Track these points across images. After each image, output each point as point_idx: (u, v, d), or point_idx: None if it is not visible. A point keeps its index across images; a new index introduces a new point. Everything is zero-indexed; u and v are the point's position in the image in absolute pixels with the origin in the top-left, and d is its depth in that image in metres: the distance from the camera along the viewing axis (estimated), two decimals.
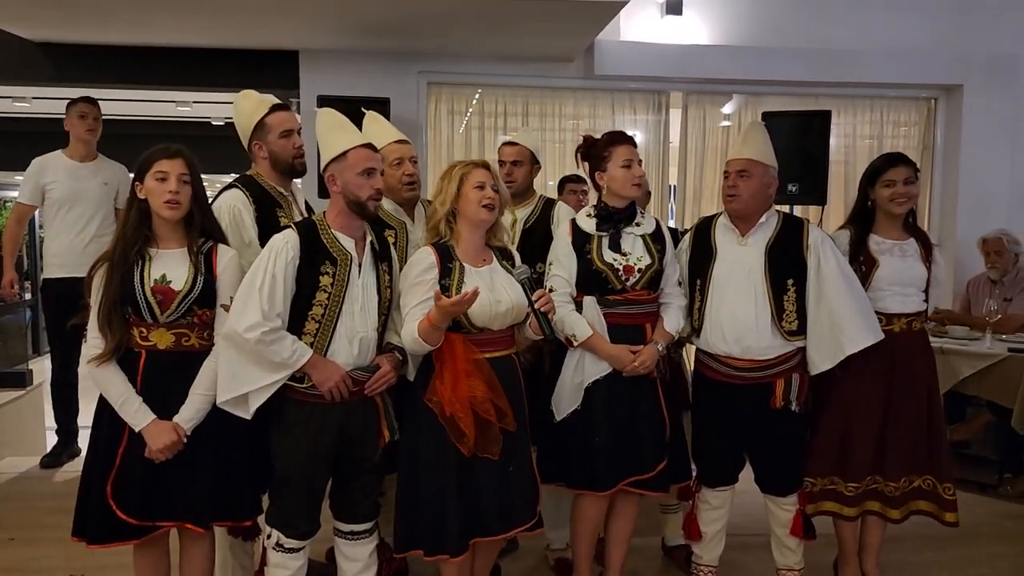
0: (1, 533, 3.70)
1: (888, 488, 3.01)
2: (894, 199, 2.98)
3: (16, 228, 4.56)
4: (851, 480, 2.99)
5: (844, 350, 2.83)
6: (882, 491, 3.02)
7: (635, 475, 2.83)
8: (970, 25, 5.39)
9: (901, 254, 3.00)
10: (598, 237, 2.85)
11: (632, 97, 5.44)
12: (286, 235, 2.45)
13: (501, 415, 2.50)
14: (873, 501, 3.03)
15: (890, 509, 3.02)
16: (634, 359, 2.75)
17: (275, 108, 2.86)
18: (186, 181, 2.41)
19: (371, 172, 2.48)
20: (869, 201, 3.05)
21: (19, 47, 4.84)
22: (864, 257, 2.99)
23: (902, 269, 2.98)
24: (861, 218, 3.07)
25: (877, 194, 3.02)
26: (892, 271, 2.97)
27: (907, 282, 2.99)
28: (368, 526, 2.61)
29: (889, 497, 3.01)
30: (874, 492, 3.02)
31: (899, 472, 2.99)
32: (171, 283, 2.39)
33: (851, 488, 3.00)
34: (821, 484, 3.01)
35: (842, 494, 3.00)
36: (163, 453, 2.37)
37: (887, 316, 2.97)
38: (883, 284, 2.97)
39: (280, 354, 2.37)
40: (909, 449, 2.99)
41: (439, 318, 2.41)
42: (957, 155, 5.48)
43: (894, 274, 2.97)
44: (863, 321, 2.84)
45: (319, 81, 4.89)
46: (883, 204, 3.01)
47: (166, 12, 4.12)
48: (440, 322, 2.43)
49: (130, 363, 2.40)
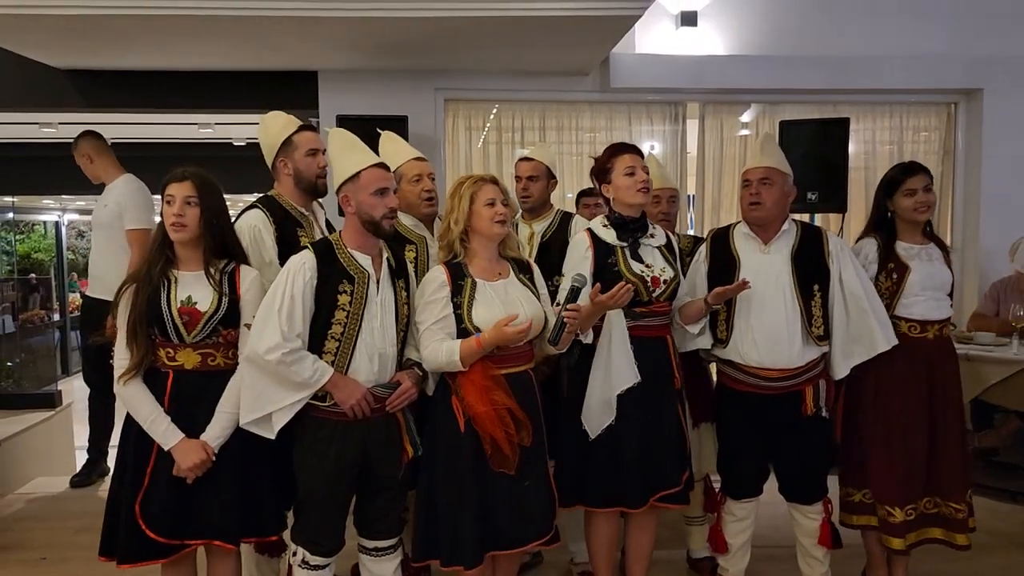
0: (31, 552, 3.75)
1: (948, 510, 2.97)
2: (917, 208, 2.97)
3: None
4: (907, 503, 2.95)
5: (861, 356, 2.87)
6: (945, 514, 2.98)
7: (662, 489, 2.83)
8: (989, 29, 5.35)
9: (928, 258, 3.00)
10: (621, 248, 2.85)
11: (649, 108, 5.44)
12: (303, 256, 2.48)
13: (519, 429, 2.51)
14: (934, 528, 3.00)
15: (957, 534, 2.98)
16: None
17: (302, 128, 2.92)
18: (193, 203, 2.45)
19: (384, 191, 2.50)
20: (888, 211, 3.04)
21: (45, 74, 4.93)
22: (895, 263, 2.98)
23: (932, 273, 2.97)
24: (882, 227, 3.06)
25: (897, 204, 3.01)
26: (924, 275, 2.96)
27: (938, 286, 2.98)
28: (392, 542, 2.63)
29: (956, 521, 2.97)
30: (933, 517, 2.99)
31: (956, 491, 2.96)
32: (196, 304, 2.43)
33: (910, 511, 2.95)
34: (860, 496, 2.99)
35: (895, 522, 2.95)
36: (192, 471, 2.40)
37: (921, 324, 2.96)
38: (916, 289, 2.95)
39: (301, 374, 2.39)
40: (957, 464, 2.96)
41: (494, 342, 2.46)
42: (979, 159, 5.42)
43: (927, 278, 2.96)
44: (880, 328, 2.87)
45: (338, 100, 4.93)
46: (905, 213, 3.00)
47: (187, 37, 4.19)
48: (492, 346, 2.47)
49: (158, 383, 2.44)
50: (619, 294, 2.59)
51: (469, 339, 2.49)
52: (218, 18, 3.82)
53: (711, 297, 2.83)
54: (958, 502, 2.97)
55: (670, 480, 2.84)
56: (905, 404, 2.95)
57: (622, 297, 2.60)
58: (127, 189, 4.39)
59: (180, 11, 3.73)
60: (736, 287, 2.77)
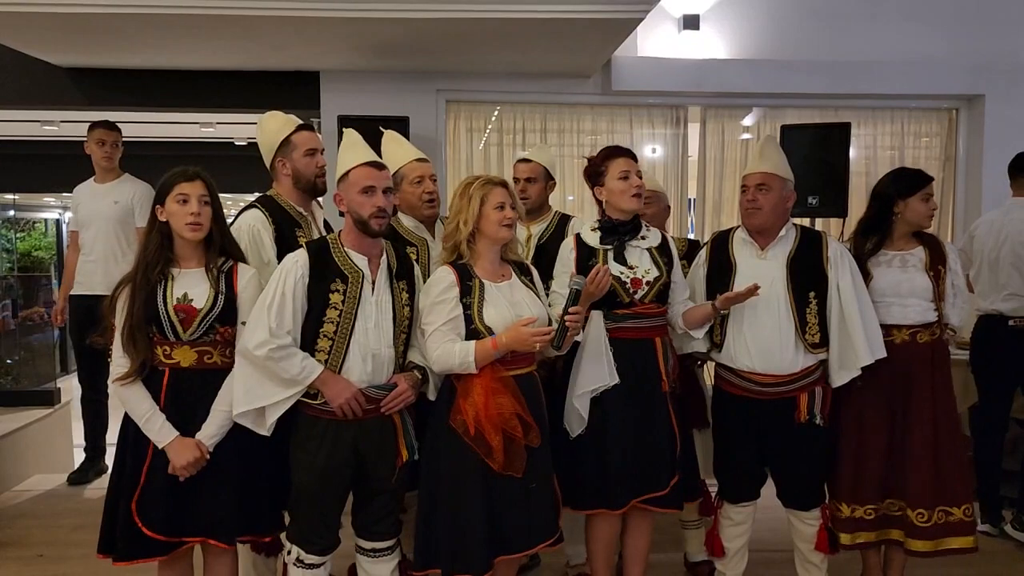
0: (29, 550, 3.75)
1: (915, 515, 2.92)
2: (931, 214, 2.98)
3: (70, 254, 4.71)
4: (858, 502, 2.95)
5: (857, 365, 2.83)
6: (905, 518, 2.95)
7: (648, 492, 2.82)
8: (990, 34, 5.35)
9: (901, 264, 2.98)
10: (603, 251, 2.85)
11: (650, 112, 5.44)
12: (296, 254, 2.49)
13: (527, 431, 2.50)
14: (895, 529, 2.98)
15: (913, 540, 2.94)
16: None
17: (300, 128, 2.92)
18: (206, 202, 2.46)
19: (371, 190, 2.48)
20: (895, 214, 3.00)
21: (47, 72, 4.94)
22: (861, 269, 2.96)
23: (899, 281, 2.95)
24: (878, 230, 3.03)
25: (912, 207, 2.97)
26: (888, 282, 2.94)
27: (906, 293, 2.95)
28: (390, 543, 2.62)
29: (915, 526, 2.92)
30: (895, 519, 2.97)
31: (921, 497, 2.91)
32: (192, 301, 2.44)
33: (870, 511, 2.95)
34: (847, 511, 2.97)
35: (862, 519, 2.95)
36: (186, 470, 2.40)
37: (886, 327, 2.93)
38: (875, 296, 2.94)
39: (289, 370, 2.40)
40: (924, 470, 2.91)
41: (511, 345, 2.45)
42: (980, 166, 5.42)
43: (890, 285, 2.94)
44: (876, 338, 2.85)
45: (339, 101, 4.93)
46: (916, 217, 2.97)
47: (189, 37, 4.19)
48: (508, 349, 2.47)
49: (154, 381, 2.44)
50: (598, 278, 2.61)
51: (484, 340, 2.48)
52: (220, 18, 3.83)
53: (719, 302, 2.82)
54: (926, 508, 2.90)
55: (656, 483, 2.82)
56: (862, 405, 2.93)
57: (602, 280, 2.62)
58: (139, 188, 4.50)
59: (182, 10, 3.73)
60: (746, 292, 2.75)
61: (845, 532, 2.98)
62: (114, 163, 4.52)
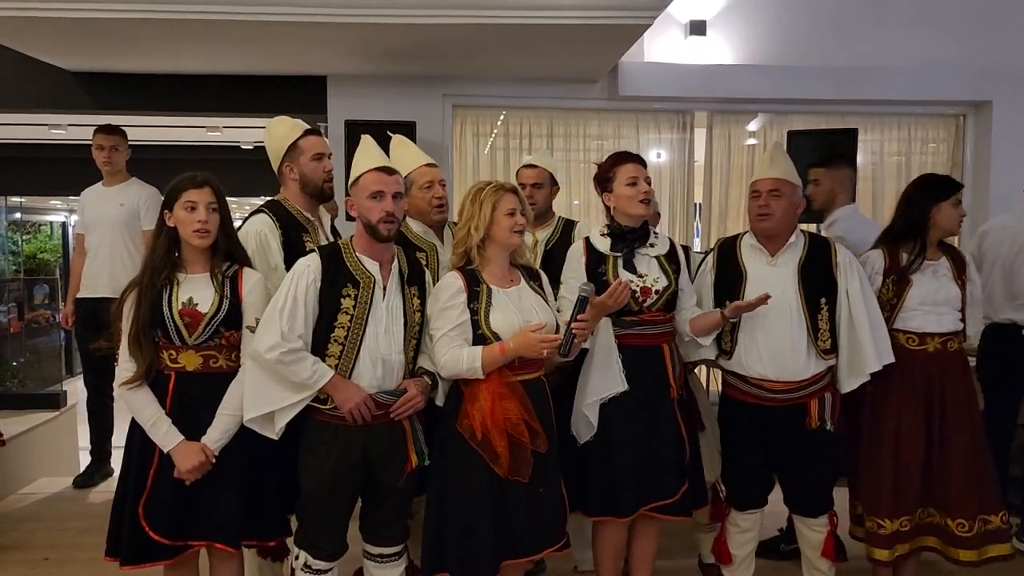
0: (35, 553, 3.75)
1: (955, 525, 2.92)
2: (960, 220, 2.99)
3: (76, 258, 4.72)
4: (898, 515, 2.93)
5: (866, 371, 2.84)
6: (944, 527, 2.95)
7: (656, 500, 2.81)
8: (997, 40, 5.33)
9: (933, 274, 2.99)
10: (613, 258, 2.85)
11: (656, 117, 5.44)
12: (309, 259, 2.50)
13: (534, 436, 2.50)
14: (929, 536, 2.97)
15: (956, 549, 2.94)
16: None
17: (307, 132, 2.92)
18: (214, 209, 2.47)
19: (379, 195, 2.49)
20: (929, 219, 2.99)
21: (55, 77, 4.95)
22: (898, 276, 2.96)
23: (936, 289, 2.96)
24: (913, 237, 3.01)
25: (944, 212, 2.97)
26: (925, 291, 2.95)
27: (941, 301, 2.96)
28: (397, 549, 2.62)
29: (956, 536, 2.93)
30: (929, 527, 2.97)
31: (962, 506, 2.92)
32: (197, 305, 2.44)
33: (905, 522, 2.94)
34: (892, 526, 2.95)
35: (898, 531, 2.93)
36: (191, 474, 2.41)
37: (920, 336, 2.94)
38: (915, 303, 2.94)
39: (300, 374, 2.40)
40: (963, 478, 2.92)
41: (519, 350, 2.45)
42: (987, 172, 5.41)
43: (927, 294, 2.95)
44: (884, 344, 2.86)
45: (346, 106, 4.94)
46: (948, 223, 2.99)
47: (196, 41, 4.20)
48: (516, 355, 2.47)
49: (160, 385, 2.45)
50: (617, 292, 2.59)
51: (492, 346, 2.48)
52: (227, 22, 3.83)
53: (728, 311, 2.81)
54: (967, 518, 2.92)
55: (665, 491, 2.82)
56: (898, 416, 2.94)
57: (621, 295, 2.61)
58: (146, 191, 4.52)
59: (189, 15, 3.74)
60: (757, 301, 2.75)
61: (883, 548, 2.94)
62: (116, 167, 4.53)
